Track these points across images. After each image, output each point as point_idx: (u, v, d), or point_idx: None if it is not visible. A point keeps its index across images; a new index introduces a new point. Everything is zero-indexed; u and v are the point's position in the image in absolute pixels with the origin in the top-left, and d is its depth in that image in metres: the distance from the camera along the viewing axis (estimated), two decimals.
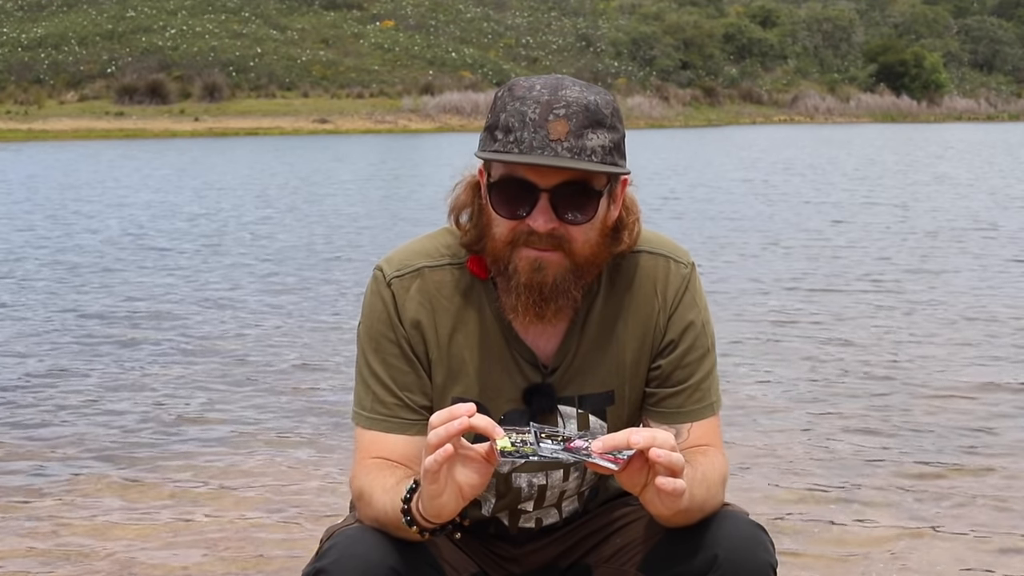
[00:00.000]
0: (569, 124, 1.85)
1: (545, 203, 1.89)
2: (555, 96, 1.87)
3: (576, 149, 1.85)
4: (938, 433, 5.16)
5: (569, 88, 1.89)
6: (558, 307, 1.96)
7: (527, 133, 1.85)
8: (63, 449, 5.04)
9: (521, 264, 1.92)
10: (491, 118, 1.91)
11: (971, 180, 21.73)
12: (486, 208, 1.96)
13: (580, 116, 1.86)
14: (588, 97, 1.88)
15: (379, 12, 74.74)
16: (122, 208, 17.23)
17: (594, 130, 1.86)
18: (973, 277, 9.77)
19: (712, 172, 24.79)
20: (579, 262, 1.94)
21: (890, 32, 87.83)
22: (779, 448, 4.94)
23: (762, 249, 11.82)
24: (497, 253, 1.95)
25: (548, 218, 1.89)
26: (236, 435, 5.24)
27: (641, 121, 59.06)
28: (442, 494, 1.76)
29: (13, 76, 58.45)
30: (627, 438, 1.71)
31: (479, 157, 1.93)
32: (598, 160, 1.87)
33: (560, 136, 1.84)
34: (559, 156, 1.84)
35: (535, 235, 1.90)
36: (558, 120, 1.85)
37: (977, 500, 4.28)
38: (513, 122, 1.86)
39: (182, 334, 7.62)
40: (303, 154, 33.65)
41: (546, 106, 1.86)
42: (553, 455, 1.70)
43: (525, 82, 1.92)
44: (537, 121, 1.85)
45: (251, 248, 12.40)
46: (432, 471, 1.73)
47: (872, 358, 6.69)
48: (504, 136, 1.87)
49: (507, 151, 1.86)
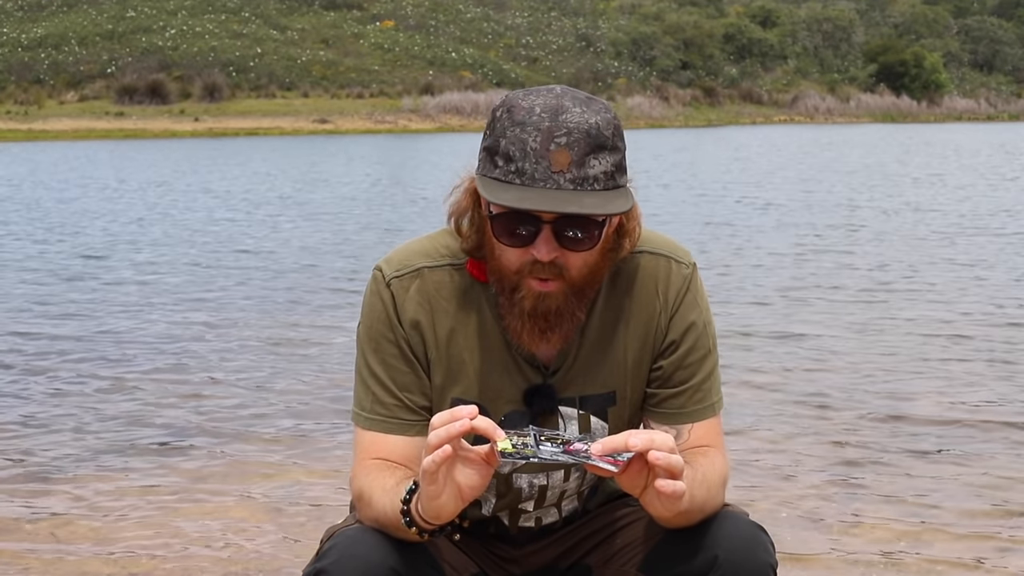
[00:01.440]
0: (571, 154, 1.84)
1: (548, 234, 1.88)
2: (556, 122, 1.85)
3: (579, 180, 1.84)
4: (938, 433, 5.15)
5: (569, 111, 1.86)
6: (563, 331, 1.97)
7: (528, 164, 1.84)
8: (63, 446, 5.04)
9: (527, 294, 1.93)
10: (490, 139, 1.89)
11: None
12: (487, 230, 1.96)
13: (582, 143, 1.84)
14: (589, 120, 1.86)
15: (379, 12, 74.77)
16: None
17: (596, 155, 1.85)
18: (980, 281, 9.76)
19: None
20: (579, 285, 1.94)
21: (890, 32, 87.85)
22: (779, 448, 4.94)
23: (764, 250, 11.82)
24: (504, 277, 1.95)
25: (551, 248, 1.89)
26: (236, 435, 5.24)
27: (641, 121, 59.07)
28: (441, 495, 1.76)
29: (13, 76, 58.48)
30: (626, 440, 1.71)
31: (482, 192, 1.89)
32: (601, 188, 1.85)
33: (562, 167, 1.83)
34: (562, 188, 1.83)
35: (539, 264, 1.90)
36: (560, 149, 1.83)
37: (977, 500, 4.28)
38: (514, 151, 1.85)
39: (182, 333, 7.62)
40: (303, 154, 33.66)
41: (547, 134, 1.84)
42: (553, 457, 1.70)
43: (524, 102, 1.88)
44: (539, 151, 1.83)
45: (249, 246, 12.41)
46: (431, 472, 1.73)
47: (872, 358, 6.69)
48: (505, 164, 1.86)
49: (509, 181, 1.85)
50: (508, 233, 1.90)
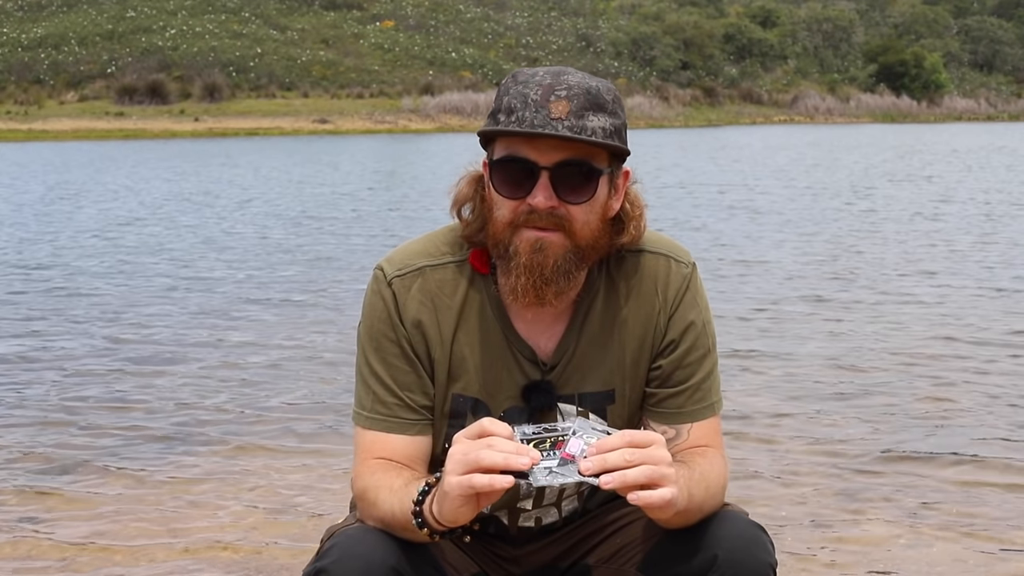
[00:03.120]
0: (570, 104, 1.88)
1: (545, 181, 1.90)
2: (557, 80, 1.91)
3: (577, 128, 1.87)
4: (939, 434, 5.16)
5: (571, 74, 1.93)
6: (559, 289, 1.96)
7: (528, 112, 1.88)
8: (63, 447, 5.04)
9: (522, 245, 1.93)
10: (495, 104, 1.94)
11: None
12: (488, 193, 1.98)
13: (581, 98, 1.89)
14: (590, 83, 1.92)
15: (379, 12, 74.78)
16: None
17: (595, 112, 1.89)
18: (981, 278, 9.77)
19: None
20: (580, 244, 1.94)
21: (890, 32, 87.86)
22: (779, 448, 4.94)
23: (766, 250, 11.82)
24: (499, 236, 1.95)
25: (548, 195, 1.90)
26: (236, 434, 5.24)
27: (641, 121, 59.05)
28: (466, 504, 1.75)
29: (13, 76, 58.48)
30: (618, 444, 1.72)
31: (480, 133, 1.96)
32: (599, 140, 1.88)
33: (561, 115, 1.87)
34: (559, 134, 1.86)
35: (536, 214, 1.91)
36: (559, 100, 1.88)
37: (977, 501, 4.28)
38: (515, 103, 1.89)
39: (182, 332, 7.62)
40: (305, 154, 33.65)
41: (548, 88, 1.89)
42: (548, 481, 1.70)
43: (528, 70, 1.97)
44: (539, 102, 1.88)
45: (249, 249, 12.41)
46: (467, 492, 1.71)
47: (872, 358, 6.69)
48: (506, 117, 1.90)
49: (509, 129, 1.89)
50: (507, 182, 1.92)
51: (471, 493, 1.71)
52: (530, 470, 1.69)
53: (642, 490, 1.71)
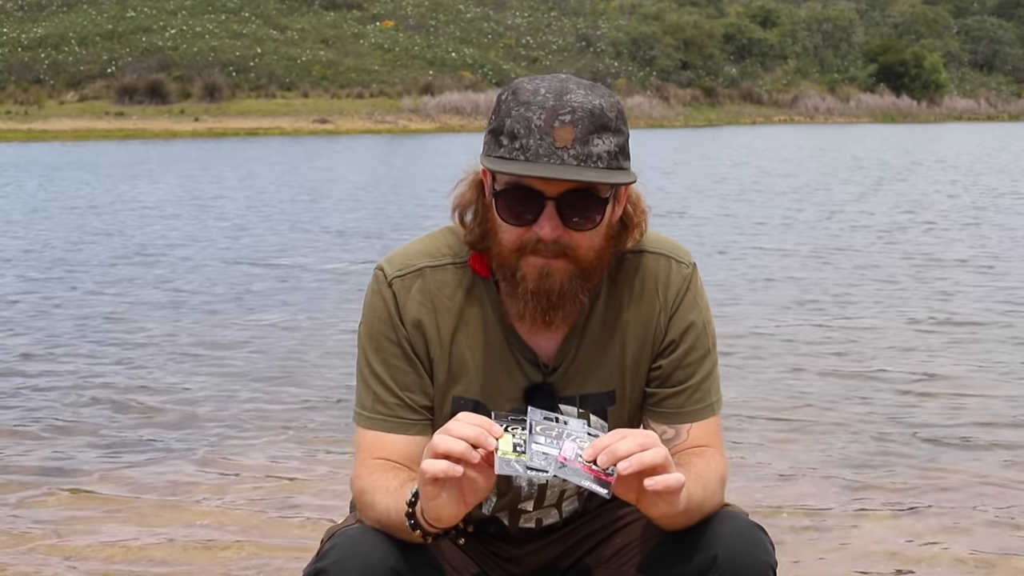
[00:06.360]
0: (575, 130, 1.85)
1: (552, 211, 1.89)
2: (560, 101, 1.86)
3: (582, 156, 1.85)
4: (939, 434, 5.15)
5: (574, 92, 1.88)
6: (566, 313, 1.97)
7: (533, 140, 1.85)
8: (62, 447, 5.05)
9: (528, 271, 1.92)
10: (495, 122, 1.91)
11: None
12: (491, 213, 1.96)
13: (585, 122, 1.85)
14: (593, 101, 1.88)
15: (379, 12, 74.71)
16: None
17: (600, 135, 1.86)
18: (978, 280, 9.77)
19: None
20: (584, 267, 1.94)
21: (890, 32, 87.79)
22: (779, 448, 4.94)
23: (766, 250, 11.82)
24: (503, 259, 1.95)
25: (554, 225, 1.89)
26: (236, 434, 5.24)
27: (641, 121, 58.99)
28: (439, 496, 1.76)
29: (13, 76, 58.41)
30: (614, 444, 1.73)
31: (486, 166, 1.92)
32: (604, 166, 1.86)
33: (566, 143, 1.84)
34: (565, 164, 1.84)
35: (542, 243, 1.90)
36: (564, 127, 1.85)
37: (978, 501, 4.28)
38: (519, 128, 1.86)
39: (181, 332, 7.62)
40: (306, 155, 33.64)
41: (551, 112, 1.85)
42: (543, 475, 1.71)
43: (529, 84, 1.91)
44: (543, 128, 1.85)
45: (249, 248, 12.41)
46: (431, 479, 1.74)
47: (873, 358, 6.69)
48: (510, 142, 1.87)
49: (513, 158, 1.86)
50: (512, 211, 1.91)
51: (430, 479, 1.73)
52: (519, 456, 1.70)
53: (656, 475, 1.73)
